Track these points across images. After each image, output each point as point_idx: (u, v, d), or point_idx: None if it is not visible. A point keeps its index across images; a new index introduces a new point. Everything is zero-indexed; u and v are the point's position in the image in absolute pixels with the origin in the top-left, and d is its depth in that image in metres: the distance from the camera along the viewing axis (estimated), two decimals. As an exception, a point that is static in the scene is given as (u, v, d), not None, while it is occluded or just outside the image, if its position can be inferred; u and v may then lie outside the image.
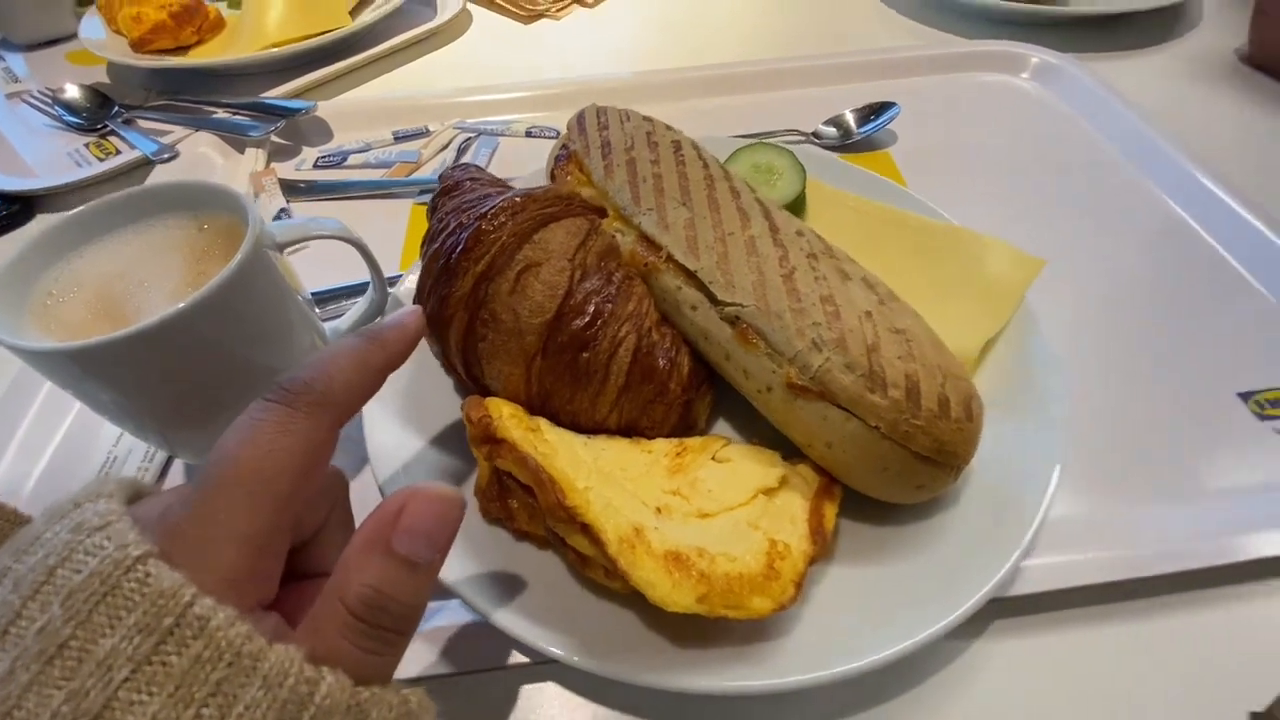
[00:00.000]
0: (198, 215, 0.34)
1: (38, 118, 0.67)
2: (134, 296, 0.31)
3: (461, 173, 0.39)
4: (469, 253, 0.31)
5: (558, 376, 0.31)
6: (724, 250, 0.32)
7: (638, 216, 0.35)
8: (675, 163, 0.37)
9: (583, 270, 0.31)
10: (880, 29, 0.76)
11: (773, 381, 0.30)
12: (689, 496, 0.29)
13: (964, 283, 0.38)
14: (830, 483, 0.30)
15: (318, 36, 0.69)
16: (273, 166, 0.58)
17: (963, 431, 0.28)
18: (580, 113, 0.43)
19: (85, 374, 0.29)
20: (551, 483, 0.26)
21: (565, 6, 0.81)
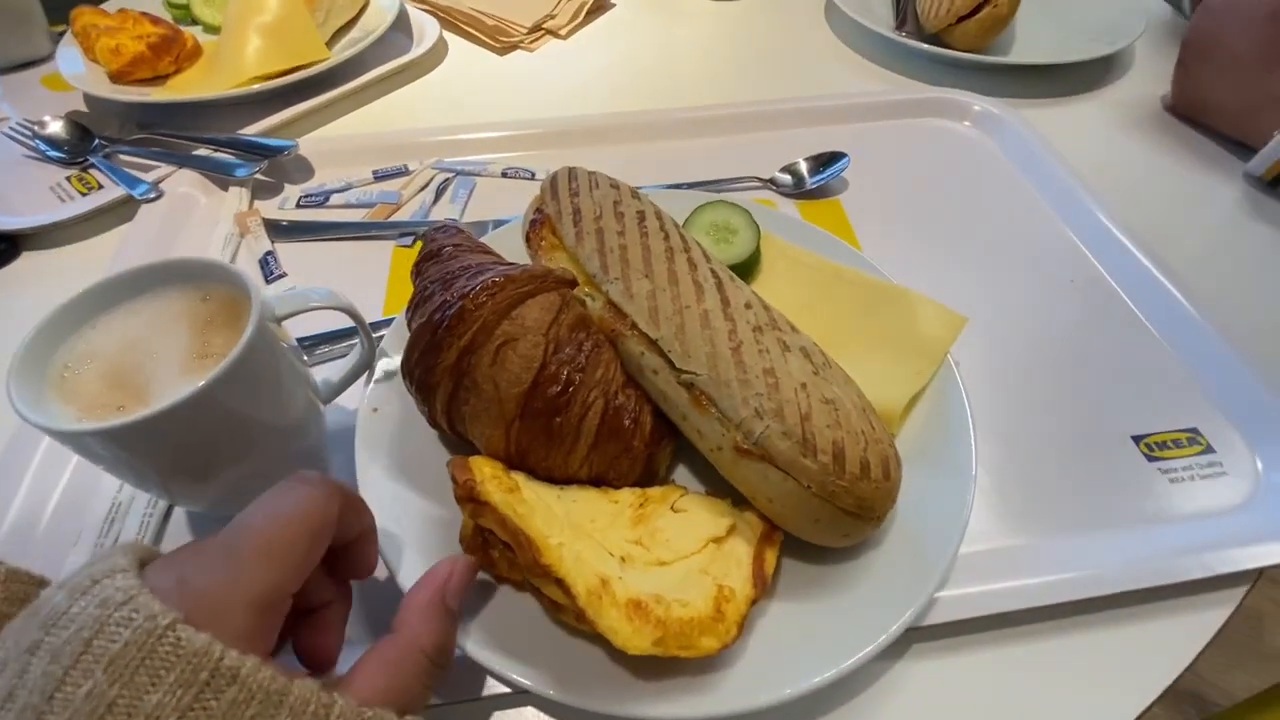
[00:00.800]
0: (200, 287, 0.37)
1: (14, 148, 0.68)
2: (145, 367, 0.34)
3: (444, 237, 0.43)
4: (453, 329, 0.34)
5: (533, 438, 0.35)
6: (681, 322, 0.36)
7: (606, 284, 0.39)
8: (639, 234, 0.41)
9: (556, 343, 0.35)
10: (840, 69, 0.80)
11: (722, 443, 0.34)
12: (649, 546, 0.33)
13: (894, 339, 0.43)
14: (772, 529, 0.35)
15: (297, 71, 0.71)
16: (257, 207, 0.61)
17: (880, 490, 0.32)
18: (553, 176, 0.46)
19: (104, 447, 0.32)
20: (529, 542, 0.30)
21: (539, 38, 0.84)
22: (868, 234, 0.58)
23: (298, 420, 0.38)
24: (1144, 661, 0.36)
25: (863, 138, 0.67)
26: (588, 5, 0.86)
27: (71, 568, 0.38)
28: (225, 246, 0.56)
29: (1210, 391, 0.47)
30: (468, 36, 0.84)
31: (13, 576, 0.23)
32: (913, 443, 0.39)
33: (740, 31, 0.88)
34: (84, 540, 0.39)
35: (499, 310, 0.35)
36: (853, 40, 0.84)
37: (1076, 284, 0.55)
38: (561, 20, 0.84)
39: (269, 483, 0.39)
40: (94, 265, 0.56)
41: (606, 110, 0.73)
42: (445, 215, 0.60)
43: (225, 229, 0.58)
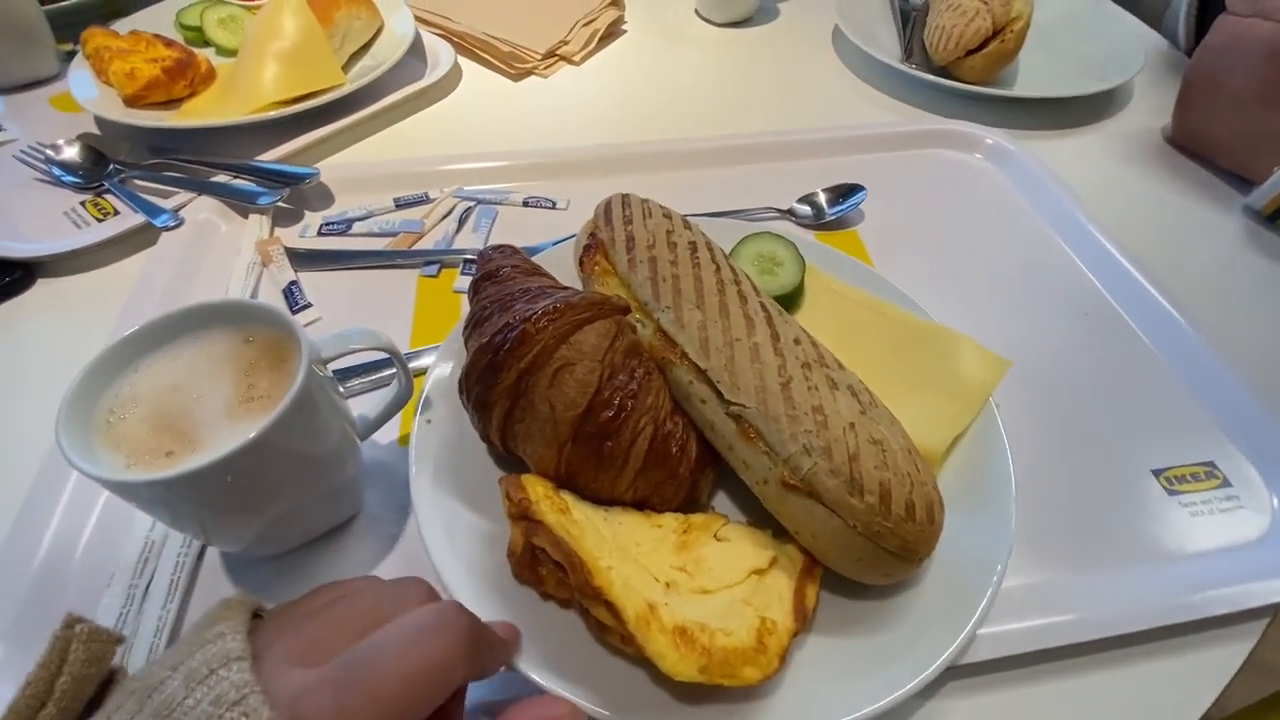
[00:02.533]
0: (242, 328, 0.37)
1: (24, 171, 0.67)
2: (191, 411, 0.34)
3: (501, 257, 0.44)
4: (514, 351, 0.35)
5: (584, 460, 0.36)
6: (731, 354, 0.37)
7: (657, 312, 0.40)
8: (692, 265, 0.42)
9: (611, 369, 0.36)
10: (847, 97, 0.82)
11: (769, 476, 0.35)
12: (693, 574, 0.34)
13: (937, 379, 0.44)
14: (813, 563, 0.36)
15: (314, 97, 0.71)
16: (278, 235, 0.61)
17: (924, 533, 0.33)
18: (607, 202, 0.47)
19: (154, 494, 0.32)
20: (581, 565, 0.31)
21: (553, 64, 0.84)
22: (886, 266, 0.59)
23: (338, 459, 0.38)
24: (1169, 698, 0.37)
25: (876, 168, 0.68)
26: (600, 32, 0.87)
27: (106, 610, 0.38)
28: (248, 276, 0.56)
29: (1224, 424, 0.49)
30: (482, 62, 0.84)
31: (94, 636, 0.22)
32: (953, 483, 0.40)
33: (748, 58, 0.89)
34: (118, 581, 0.39)
35: (559, 335, 0.36)
36: (859, 69, 0.86)
37: (1091, 317, 0.56)
38: (575, 46, 0.85)
39: (304, 522, 0.40)
40: (112, 293, 0.56)
41: (622, 136, 0.74)
42: (468, 244, 0.60)
43: (247, 258, 0.58)
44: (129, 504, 0.34)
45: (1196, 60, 0.68)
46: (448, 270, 0.58)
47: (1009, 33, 0.74)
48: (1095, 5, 0.93)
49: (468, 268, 0.58)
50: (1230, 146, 0.68)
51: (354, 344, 0.38)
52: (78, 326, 0.54)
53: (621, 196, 0.48)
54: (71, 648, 0.22)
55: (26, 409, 0.49)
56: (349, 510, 0.42)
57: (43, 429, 0.45)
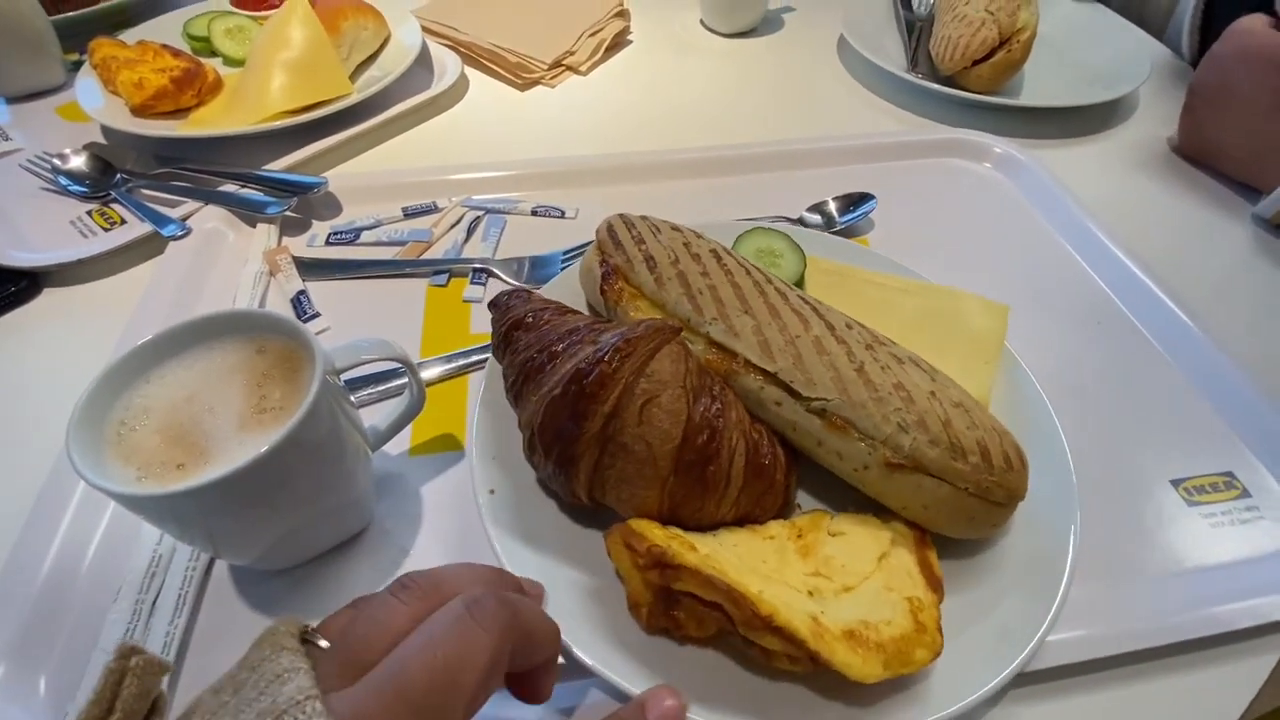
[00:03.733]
0: (255, 339, 0.36)
1: (30, 181, 0.67)
2: (203, 423, 0.33)
3: (521, 304, 0.42)
4: (595, 396, 0.34)
5: (689, 490, 0.35)
6: (796, 352, 0.38)
7: (704, 326, 0.40)
8: (723, 273, 0.42)
9: (694, 393, 0.35)
10: (853, 106, 0.82)
11: (869, 461, 0.36)
12: (830, 575, 0.34)
13: (952, 335, 0.46)
14: (922, 534, 0.37)
15: (322, 106, 0.71)
16: (286, 244, 0.60)
17: (1021, 478, 0.36)
18: (609, 226, 0.46)
19: (164, 507, 0.31)
20: (743, 598, 0.30)
21: (559, 74, 0.85)
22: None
23: (350, 471, 0.38)
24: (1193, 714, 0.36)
25: (885, 177, 0.68)
26: (606, 42, 0.88)
27: (112, 625, 0.37)
28: (256, 285, 0.56)
29: (1241, 433, 0.48)
30: (489, 72, 0.85)
31: (149, 668, 0.21)
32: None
33: (754, 68, 0.90)
34: (124, 595, 0.38)
35: (636, 369, 0.35)
36: (865, 78, 0.86)
37: (1104, 326, 0.56)
38: (581, 56, 0.85)
39: (314, 536, 0.39)
40: (118, 302, 0.55)
41: (629, 145, 0.74)
42: (477, 253, 0.60)
43: (255, 267, 0.57)
44: (138, 517, 0.33)
45: (1203, 69, 0.68)
46: (457, 279, 0.58)
47: (1015, 43, 0.75)
48: (1100, 15, 0.93)
49: (477, 276, 0.57)
50: (1237, 155, 0.68)
51: (367, 354, 0.37)
52: (83, 336, 0.54)
53: (620, 217, 0.47)
54: (126, 681, 0.21)
55: (32, 419, 0.48)
56: (360, 523, 0.41)
57: (48, 439, 0.45)
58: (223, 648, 0.37)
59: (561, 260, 0.58)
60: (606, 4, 0.90)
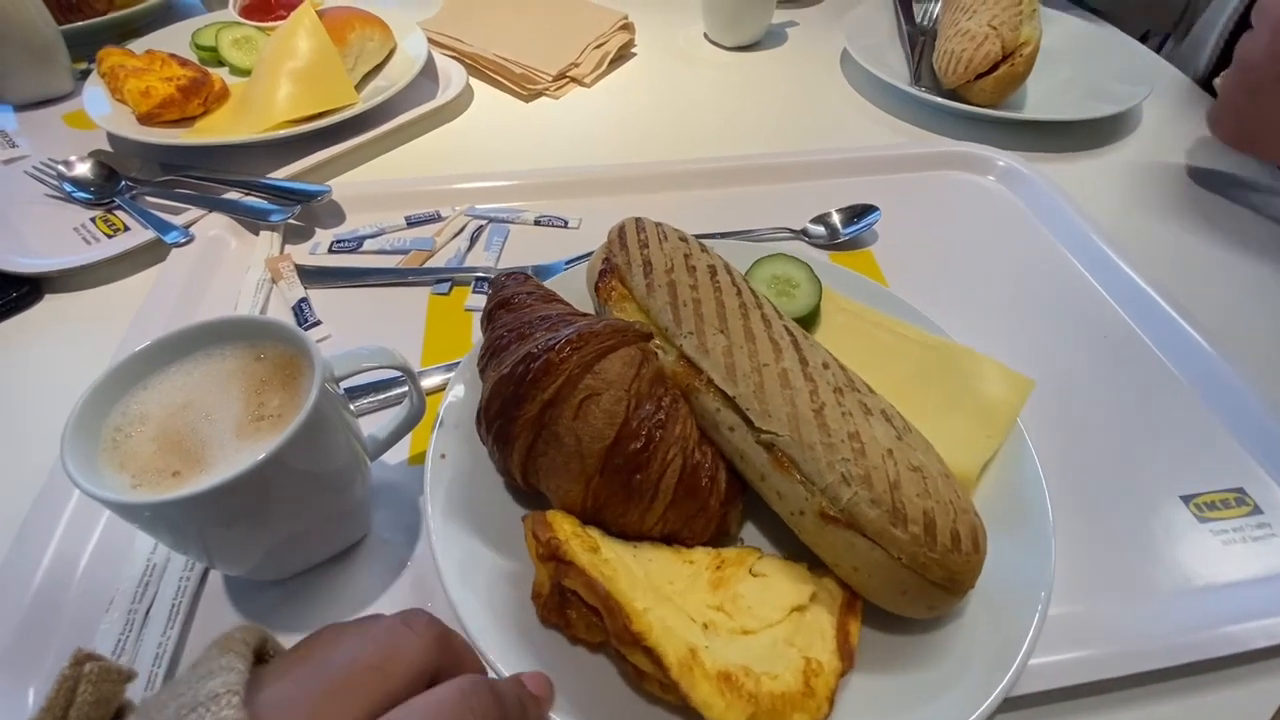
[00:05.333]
0: (254, 345, 0.36)
1: (35, 187, 0.67)
2: (199, 430, 0.33)
3: (515, 284, 0.43)
4: (537, 382, 0.34)
5: (612, 493, 0.35)
6: (760, 380, 0.36)
7: (679, 338, 0.39)
8: (712, 289, 0.41)
9: (637, 399, 0.35)
10: (857, 119, 0.82)
11: (805, 507, 0.34)
12: (731, 614, 0.32)
13: (963, 401, 0.43)
14: (853, 598, 0.34)
15: (327, 116, 0.71)
16: (288, 252, 0.60)
17: (970, 563, 0.32)
18: (621, 227, 0.46)
19: (158, 516, 0.31)
20: (619, 609, 0.29)
21: (564, 85, 0.85)
22: (901, 286, 0.58)
23: (348, 480, 0.37)
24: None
25: (889, 189, 0.68)
26: (611, 54, 0.88)
27: (104, 636, 0.36)
28: (257, 292, 0.56)
29: (1251, 449, 0.48)
30: (494, 83, 0.85)
31: (104, 675, 0.21)
32: (986, 508, 0.38)
33: (757, 81, 0.90)
34: (117, 606, 0.38)
35: (583, 364, 0.35)
36: (868, 91, 0.86)
37: (1110, 340, 0.55)
38: (586, 68, 0.86)
39: (310, 545, 0.38)
40: (119, 309, 0.55)
41: (632, 157, 0.74)
42: (480, 262, 0.60)
43: (257, 274, 0.57)
44: (132, 525, 0.33)
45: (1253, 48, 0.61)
46: (459, 288, 0.58)
47: (1018, 57, 0.75)
48: (1103, 31, 0.94)
49: (480, 285, 0.57)
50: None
51: (368, 362, 0.37)
52: (84, 342, 0.54)
53: (635, 220, 0.47)
54: (80, 689, 0.20)
55: (30, 425, 0.48)
56: (357, 533, 0.41)
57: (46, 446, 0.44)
58: (215, 660, 0.36)
59: (565, 268, 0.58)
60: (611, 17, 0.91)
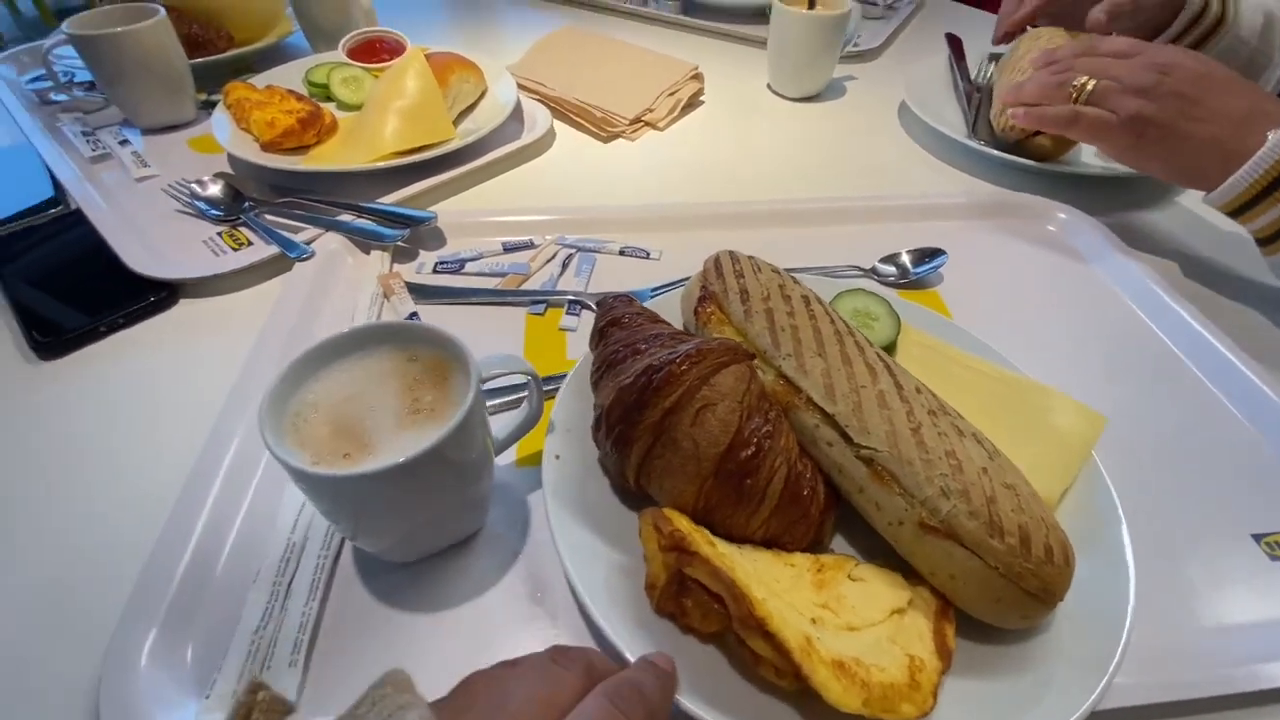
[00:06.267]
0: (406, 348, 0.41)
1: (167, 203, 0.74)
2: (365, 419, 0.37)
3: (623, 305, 0.48)
4: (660, 391, 0.38)
5: (723, 497, 0.38)
6: (858, 400, 0.40)
7: (778, 360, 0.43)
8: (808, 316, 0.45)
9: (748, 410, 0.39)
10: (914, 168, 0.87)
11: (904, 518, 0.37)
12: (837, 611, 0.35)
13: (1036, 433, 0.46)
14: (946, 605, 0.37)
15: (428, 149, 0.77)
16: (397, 270, 0.66)
17: (1062, 575, 0.35)
18: (715, 258, 0.51)
19: (333, 490, 0.35)
20: (743, 596, 0.32)
21: (639, 129, 0.91)
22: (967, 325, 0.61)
23: (480, 472, 0.41)
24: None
25: (951, 234, 0.72)
26: (683, 102, 0.95)
27: (253, 605, 0.40)
28: (372, 306, 0.61)
29: (1320, 494, 0.49)
30: (575, 125, 0.92)
31: (273, 705, 0.23)
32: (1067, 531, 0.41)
33: (818, 130, 0.95)
34: (262, 578, 0.42)
35: (701, 376, 0.38)
36: (925, 141, 0.91)
37: (1174, 386, 0.57)
38: (660, 113, 0.92)
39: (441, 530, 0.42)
40: (246, 314, 0.61)
41: (703, 196, 0.79)
42: (571, 287, 0.65)
43: (371, 289, 0.62)
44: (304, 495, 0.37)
45: None
46: (553, 309, 0.62)
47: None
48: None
49: (572, 308, 0.62)
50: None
51: (503, 368, 0.41)
52: (216, 342, 0.59)
53: (729, 253, 0.52)
54: (252, 716, 0.22)
55: (173, 413, 0.53)
56: (477, 523, 0.44)
57: (188, 433, 0.50)
58: (350, 632, 0.40)
59: (650, 295, 0.62)
60: (682, 68, 0.98)
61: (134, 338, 0.60)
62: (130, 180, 0.78)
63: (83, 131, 0.86)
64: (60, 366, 0.57)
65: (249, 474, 0.47)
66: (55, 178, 0.77)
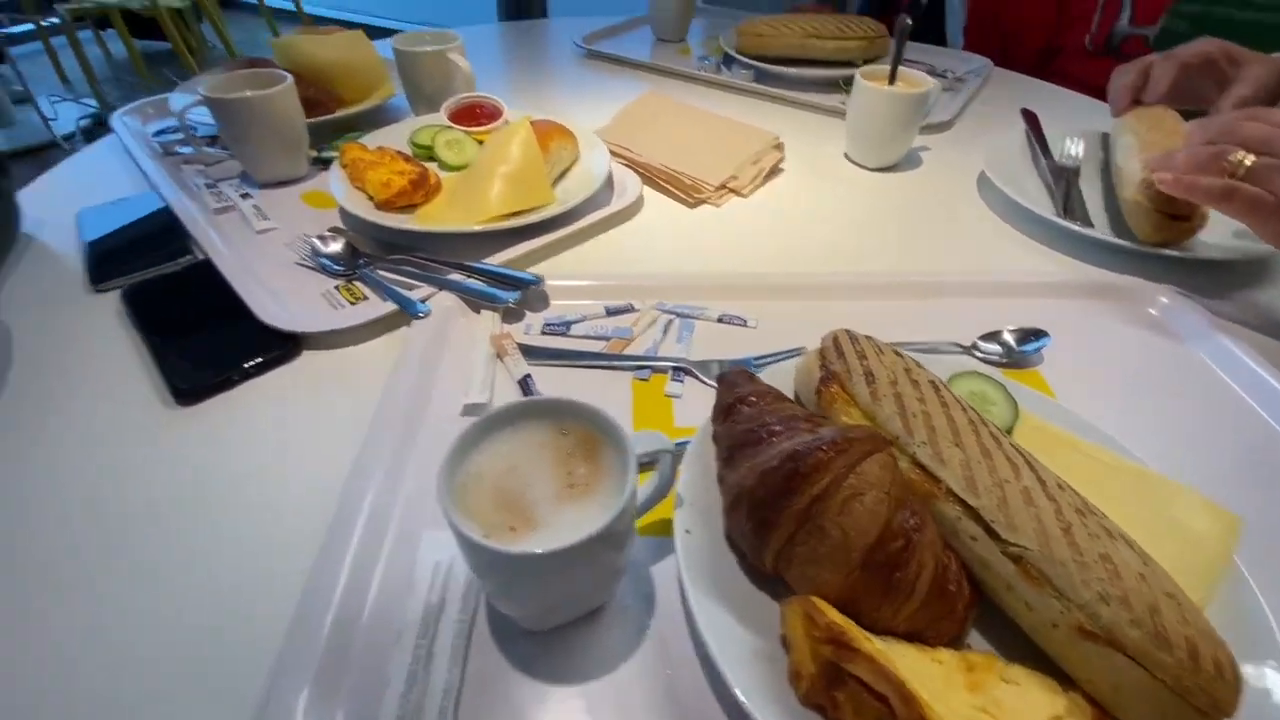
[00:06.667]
0: (556, 422, 0.42)
1: (286, 254, 0.79)
2: (525, 492, 0.39)
3: (746, 382, 0.49)
4: (807, 477, 0.39)
5: (869, 588, 0.38)
6: (1002, 495, 0.40)
7: (912, 447, 0.43)
8: (940, 404, 0.45)
9: (895, 501, 0.39)
10: (1005, 244, 0.87)
11: (1059, 621, 0.36)
12: (996, 716, 0.34)
13: (1172, 533, 0.45)
14: (1102, 715, 0.36)
15: (529, 213, 0.81)
16: (509, 330, 0.68)
17: (1233, 691, 0.34)
18: (833, 337, 0.52)
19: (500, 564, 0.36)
20: (913, 699, 0.32)
21: (724, 196, 0.94)
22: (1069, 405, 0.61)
23: (622, 544, 0.42)
24: None
25: (1050, 313, 0.72)
26: (765, 170, 0.98)
27: (398, 666, 0.41)
28: (487, 365, 0.63)
29: None
30: (662, 189, 0.95)
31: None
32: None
33: (897, 199, 0.97)
34: (404, 639, 0.43)
35: (848, 464, 0.39)
36: (1007, 215, 0.92)
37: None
38: (743, 181, 0.95)
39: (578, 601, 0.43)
40: (368, 367, 0.64)
41: (788, 263, 0.81)
42: (674, 353, 0.66)
43: (484, 349, 0.65)
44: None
45: None
46: (657, 375, 0.64)
47: (1199, 214, 0.76)
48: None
49: (677, 375, 0.63)
50: None
51: (653, 446, 0.43)
52: (341, 394, 0.62)
53: (846, 333, 0.53)
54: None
55: (305, 464, 0.55)
56: (609, 595, 0.45)
57: (319, 484, 0.52)
58: (489, 701, 0.41)
59: (755, 364, 0.64)
60: (765, 137, 1.02)
61: (262, 386, 0.63)
62: (251, 232, 0.83)
63: (206, 184, 0.92)
64: (196, 412, 0.60)
65: (382, 532, 0.49)
66: (185, 227, 0.82)
